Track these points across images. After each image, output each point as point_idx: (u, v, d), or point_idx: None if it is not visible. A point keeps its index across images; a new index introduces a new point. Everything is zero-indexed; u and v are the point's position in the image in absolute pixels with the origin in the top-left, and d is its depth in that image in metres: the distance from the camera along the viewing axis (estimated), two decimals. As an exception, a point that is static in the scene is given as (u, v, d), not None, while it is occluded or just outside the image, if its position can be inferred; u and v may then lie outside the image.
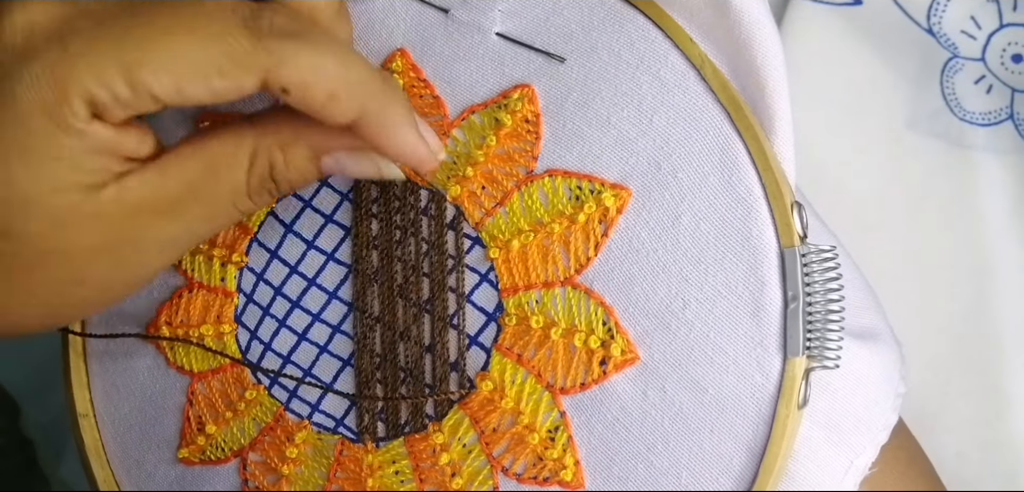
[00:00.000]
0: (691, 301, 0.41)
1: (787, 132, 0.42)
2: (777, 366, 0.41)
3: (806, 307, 0.40)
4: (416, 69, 0.44)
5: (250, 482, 0.44)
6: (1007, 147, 0.58)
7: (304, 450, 0.44)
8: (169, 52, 0.32)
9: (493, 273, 0.43)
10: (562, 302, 0.42)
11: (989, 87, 0.59)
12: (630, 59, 0.43)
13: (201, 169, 0.36)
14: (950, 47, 0.59)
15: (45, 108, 0.32)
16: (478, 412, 0.42)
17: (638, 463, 0.41)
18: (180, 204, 0.36)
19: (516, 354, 0.42)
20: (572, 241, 0.42)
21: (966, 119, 0.59)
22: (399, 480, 0.43)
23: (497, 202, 0.43)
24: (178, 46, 0.32)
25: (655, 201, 0.42)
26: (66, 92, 0.32)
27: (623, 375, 0.41)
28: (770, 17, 0.42)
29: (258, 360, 0.44)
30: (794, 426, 0.40)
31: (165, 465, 0.45)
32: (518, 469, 0.42)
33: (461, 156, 0.43)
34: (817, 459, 0.41)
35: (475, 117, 0.43)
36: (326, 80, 0.34)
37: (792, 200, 0.41)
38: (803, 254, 0.41)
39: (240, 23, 0.33)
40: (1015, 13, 0.59)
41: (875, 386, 0.42)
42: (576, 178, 0.42)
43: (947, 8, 0.59)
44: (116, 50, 0.32)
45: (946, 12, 0.59)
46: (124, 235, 0.35)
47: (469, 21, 0.44)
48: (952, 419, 0.56)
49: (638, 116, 0.42)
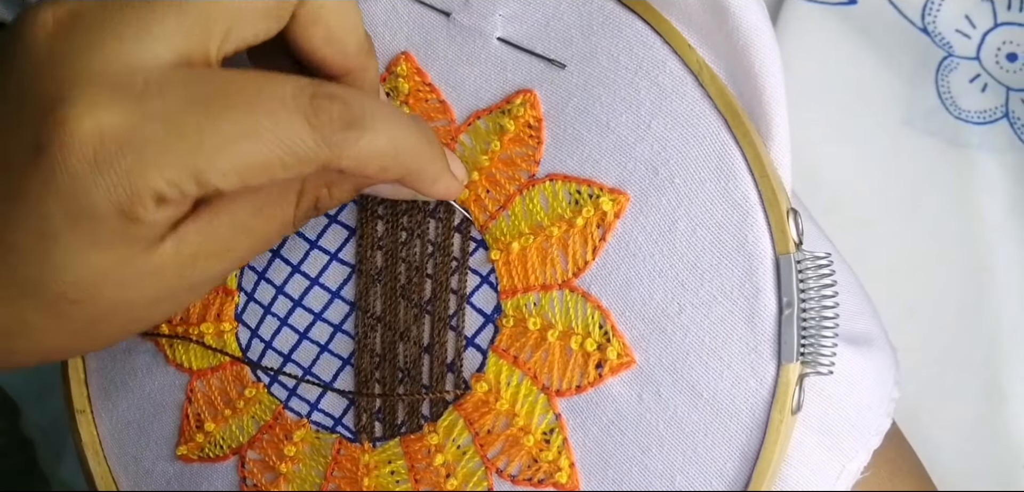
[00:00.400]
0: (687, 306, 0.41)
1: (784, 139, 0.42)
2: (771, 372, 0.41)
3: (801, 313, 0.41)
4: (421, 73, 0.44)
5: (248, 480, 0.44)
6: (1002, 145, 0.58)
7: (302, 449, 0.44)
8: (236, 155, 0.33)
9: (493, 275, 0.43)
10: (559, 305, 0.42)
11: (984, 86, 0.59)
12: (629, 64, 0.43)
13: (251, 211, 0.37)
14: (945, 46, 0.59)
15: (119, 209, 0.33)
16: (472, 413, 0.43)
17: (633, 466, 0.41)
18: (232, 243, 0.37)
19: (512, 356, 0.42)
20: (570, 244, 0.42)
21: (961, 117, 0.59)
22: (395, 480, 0.43)
23: (500, 205, 0.43)
24: (243, 150, 0.33)
25: (652, 206, 0.42)
26: (140, 196, 0.32)
27: (619, 378, 0.42)
28: (768, 24, 0.42)
29: (258, 358, 0.44)
30: (788, 431, 0.41)
31: (163, 462, 0.45)
32: (513, 471, 0.42)
33: (468, 160, 0.43)
34: (809, 463, 0.42)
35: (481, 122, 0.44)
36: (379, 159, 0.36)
37: (788, 207, 0.41)
38: (798, 261, 0.41)
39: (303, 121, 0.34)
40: (1009, 12, 0.59)
41: (868, 391, 0.43)
42: (575, 182, 0.42)
43: (941, 7, 0.59)
44: (186, 157, 0.32)
45: (941, 11, 0.59)
46: (182, 282, 0.36)
47: (471, 25, 0.44)
48: (947, 417, 0.56)
49: (636, 121, 0.42)
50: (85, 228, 0.33)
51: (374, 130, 0.35)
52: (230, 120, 0.33)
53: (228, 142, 0.33)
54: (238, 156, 0.33)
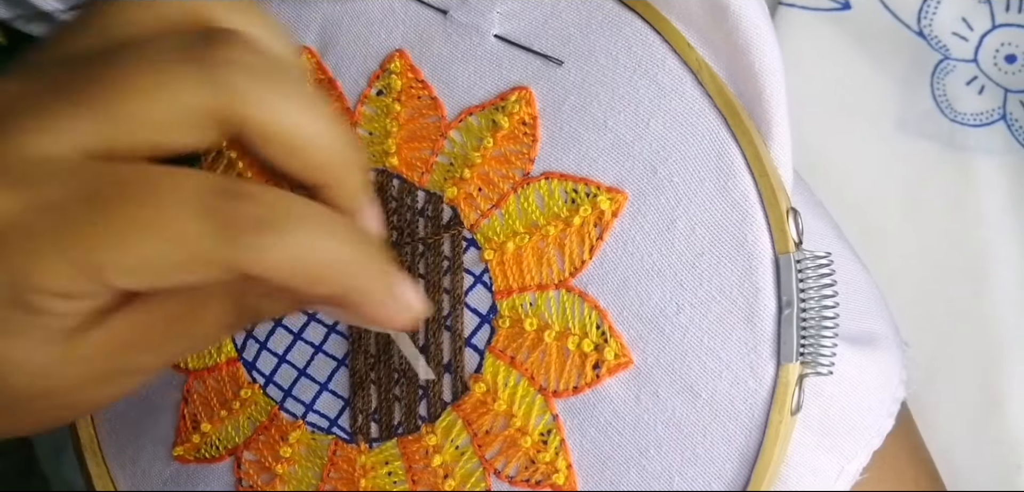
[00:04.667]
0: (685, 305, 0.40)
1: (784, 138, 0.41)
2: (771, 372, 0.39)
3: (800, 313, 0.39)
4: (414, 70, 0.43)
5: (244, 481, 0.42)
6: (1000, 147, 0.57)
7: (298, 450, 0.42)
8: (129, 253, 0.30)
9: (487, 275, 0.41)
10: (556, 305, 0.40)
11: (981, 88, 0.58)
12: (627, 63, 0.41)
13: (186, 309, 0.34)
14: (941, 49, 0.58)
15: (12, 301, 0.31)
16: (471, 414, 0.41)
17: (630, 467, 0.40)
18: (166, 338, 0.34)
19: (509, 356, 0.41)
20: (567, 244, 0.41)
21: (957, 120, 0.58)
22: (392, 481, 0.41)
23: (493, 204, 0.41)
24: (137, 248, 0.30)
25: (651, 205, 0.40)
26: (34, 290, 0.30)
27: (616, 379, 0.40)
28: (768, 23, 0.41)
29: (253, 359, 0.43)
30: (787, 432, 0.39)
31: (160, 462, 0.43)
32: (511, 472, 0.40)
33: (458, 158, 0.42)
34: (809, 463, 0.40)
35: (472, 119, 0.42)
36: (299, 269, 0.31)
37: (788, 206, 0.40)
38: (798, 260, 0.39)
39: (204, 220, 0.30)
40: (1008, 13, 0.58)
41: (870, 392, 0.41)
42: (572, 181, 0.41)
43: (938, 10, 0.58)
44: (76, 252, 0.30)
45: (937, 14, 0.58)
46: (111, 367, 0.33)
47: (468, 23, 0.42)
48: (943, 417, 0.55)
49: (635, 120, 0.41)
50: None
51: (293, 235, 0.31)
52: (125, 215, 0.30)
53: (123, 239, 0.30)
54: (136, 255, 0.30)
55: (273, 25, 0.35)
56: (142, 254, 0.30)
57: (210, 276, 0.31)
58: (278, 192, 0.32)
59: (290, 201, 0.32)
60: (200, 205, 0.30)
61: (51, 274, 0.30)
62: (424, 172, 0.42)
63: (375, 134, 0.43)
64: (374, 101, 0.43)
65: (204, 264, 0.31)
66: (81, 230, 0.30)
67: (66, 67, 0.32)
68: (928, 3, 0.58)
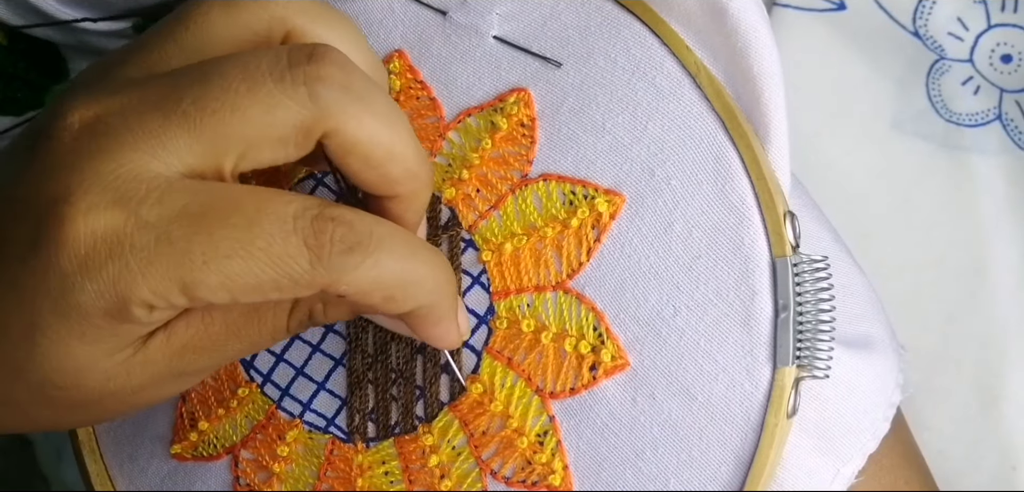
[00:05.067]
0: (682, 308, 0.40)
1: (783, 141, 0.41)
2: (767, 375, 0.39)
3: (797, 317, 0.39)
4: (413, 70, 0.43)
5: (242, 479, 0.42)
6: (995, 147, 0.57)
7: (295, 449, 0.42)
8: (226, 273, 0.31)
9: (485, 276, 0.41)
10: (553, 306, 0.40)
11: (977, 88, 0.58)
12: (626, 65, 0.41)
13: (245, 315, 0.35)
14: (936, 49, 0.58)
15: (106, 313, 0.32)
16: (468, 414, 0.41)
17: (627, 469, 0.40)
18: (223, 342, 0.35)
19: (506, 357, 0.41)
20: (565, 246, 0.41)
21: (952, 120, 0.58)
22: (388, 481, 0.41)
23: (491, 205, 0.41)
24: (235, 269, 0.31)
25: (648, 207, 0.40)
26: (127, 303, 0.31)
27: (613, 381, 0.40)
28: (767, 26, 0.41)
29: (251, 357, 0.42)
30: (783, 435, 0.39)
31: (157, 460, 0.43)
32: (507, 472, 0.40)
33: (456, 159, 0.42)
34: (804, 466, 0.40)
35: (471, 120, 0.42)
36: (381, 288, 0.33)
37: (785, 209, 0.40)
38: (795, 264, 0.39)
39: (300, 244, 0.32)
40: (1003, 13, 0.58)
41: (866, 395, 0.41)
42: (570, 183, 0.41)
43: (933, 10, 0.58)
44: (175, 269, 0.31)
45: (932, 15, 0.58)
46: (169, 371, 0.35)
47: (467, 24, 0.42)
48: (937, 417, 0.55)
49: (633, 122, 0.41)
50: (72, 325, 0.32)
51: (378, 257, 0.33)
52: (224, 236, 0.31)
53: (219, 258, 0.31)
54: (229, 274, 0.31)
55: (356, 34, 0.36)
56: (237, 273, 0.31)
57: (298, 294, 0.32)
58: (365, 215, 0.33)
59: (376, 223, 0.33)
60: (295, 227, 0.32)
61: (149, 290, 0.31)
62: (422, 172, 0.42)
63: (374, 134, 0.43)
64: (373, 101, 0.43)
65: (294, 284, 0.32)
66: (182, 249, 0.31)
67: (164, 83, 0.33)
68: (924, 3, 0.58)
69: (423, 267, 0.34)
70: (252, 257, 0.31)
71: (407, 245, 0.34)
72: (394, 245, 0.33)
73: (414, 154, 0.34)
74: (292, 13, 0.35)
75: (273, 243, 0.31)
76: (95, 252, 0.31)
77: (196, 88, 0.32)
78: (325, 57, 0.33)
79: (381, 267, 0.33)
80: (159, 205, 0.31)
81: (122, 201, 0.31)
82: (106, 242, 0.31)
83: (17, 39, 0.50)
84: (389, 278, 0.33)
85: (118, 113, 0.32)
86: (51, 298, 0.32)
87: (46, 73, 0.52)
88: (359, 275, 0.32)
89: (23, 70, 0.51)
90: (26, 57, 0.51)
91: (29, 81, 0.51)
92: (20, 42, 0.50)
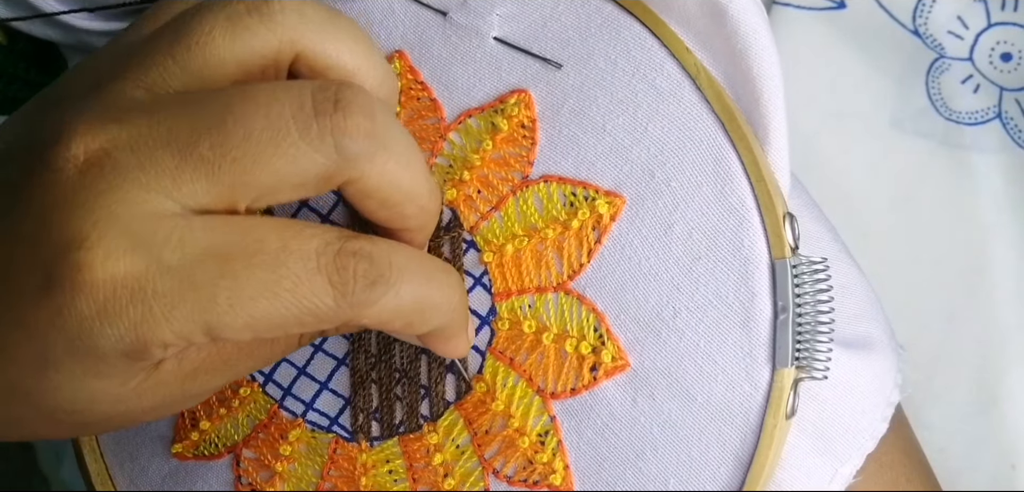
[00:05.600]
0: (682, 310, 0.40)
1: (782, 143, 0.41)
2: (766, 376, 0.39)
3: (796, 319, 0.39)
4: (414, 71, 0.43)
5: (244, 479, 0.42)
6: (995, 146, 0.57)
7: (298, 448, 0.42)
8: (251, 314, 0.31)
9: (487, 277, 0.41)
10: (554, 307, 0.41)
11: (976, 86, 0.58)
12: (626, 66, 0.41)
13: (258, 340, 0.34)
14: (936, 47, 0.58)
15: (125, 354, 0.31)
16: (472, 413, 0.41)
17: (627, 469, 0.40)
18: (233, 363, 0.35)
19: (508, 358, 0.41)
20: (565, 247, 0.41)
21: (952, 119, 0.58)
22: (392, 479, 0.41)
23: (492, 206, 0.41)
24: (260, 310, 0.31)
25: (648, 209, 0.40)
26: (148, 346, 0.31)
27: (613, 381, 0.40)
28: (767, 27, 0.41)
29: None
30: (782, 436, 0.39)
31: (159, 459, 0.43)
32: (509, 471, 0.41)
33: (457, 160, 0.42)
34: (803, 467, 0.40)
35: (472, 121, 0.42)
36: (401, 316, 0.33)
37: (784, 211, 0.40)
38: (794, 265, 0.39)
39: (325, 282, 0.31)
40: (1003, 12, 0.58)
41: (865, 396, 0.41)
42: (571, 184, 0.41)
43: (933, 9, 0.58)
44: (199, 314, 0.30)
45: (932, 13, 0.58)
46: (181, 393, 0.34)
47: (467, 25, 0.42)
48: (937, 416, 0.55)
49: (633, 124, 0.41)
50: (88, 365, 0.31)
51: (399, 287, 0.33)
52: (249, 279, 0.31)
53: (244, 301, 0.31)
54: (253, 314, 0.31)
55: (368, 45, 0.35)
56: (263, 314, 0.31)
57: (322, 328, 0.32)
58: (385, 244, 0.33)
59: (394, 252, 0.33)
60: (318, 266, 0.31)
61: (172, 332, 0.31)
62: (424, 173, 0.42)
63: (375, 135, 0.43)
64: (374, 102, 0.43)
65: (318, 321, 0.32)
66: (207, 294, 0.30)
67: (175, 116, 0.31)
68: (923, 2, 0.58)
69: (440, 292, 0.34)
70: (277, 297, 0.31)
71: (424, 271, 0.34)
72: (416, 274, 0.33)
73: (428, 192, 0.34)
74: (301, 34, 0.33)
75: (299, 284, 0.31)
76: (115, 298, 0.30)
77: (215, 133, 0.31)
78: (351, 105, 0.32)
79: (401, 297, 0.33)
80: (181, 248, 0.30)
81: (141, 246, 0.30)
82: (126, 288, 0.30)
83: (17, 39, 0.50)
84: (409, 306, 0.33)
85: (127, 148, 0.31)
86: (66, 338, 0.31)
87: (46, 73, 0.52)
88: (382, 307, 0.32)
89: (23, 70, 0.51)
90: (26, 57, 0.51)
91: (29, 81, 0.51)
92: (20, 42, 0.50)
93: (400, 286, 0.33)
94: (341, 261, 0.32)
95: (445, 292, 0.35)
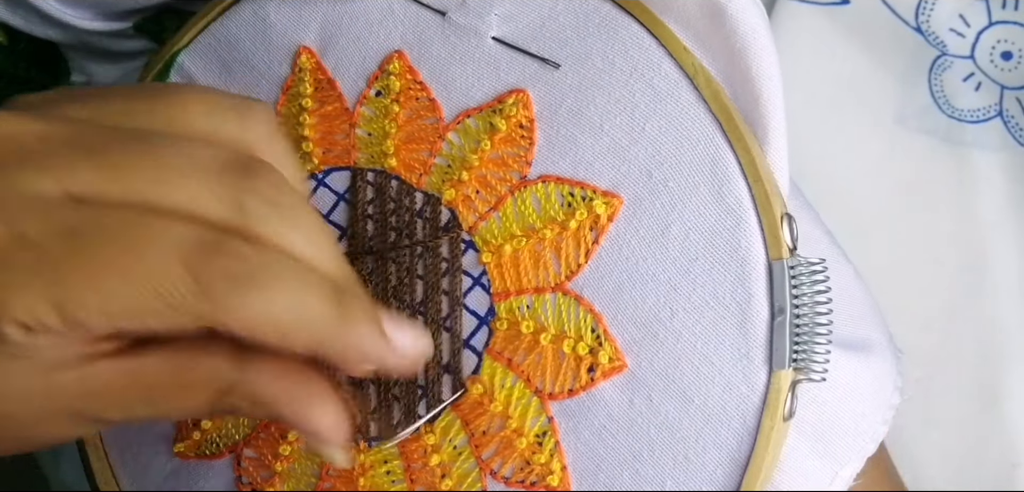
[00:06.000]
0: (679, 311, 0.40)
1: (781, 143, 0.40)
2: (763, 378, 0.39)
3: (793, 320, 0.39)
4: (413, 71, 0.43)
5: (244, 478, 0.42)
6: (996, 144, 0.57)
7: (297, 448, 0.42)
8: (101, 294, 0.30)
9: (485, 277, 0.41)
10: (552, 308, 0.41)
11: (978, 84, 0.58)
12: (624, 66, 0.41)
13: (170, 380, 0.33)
14: (938, 45, 0.58)
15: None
16: (469, 414, 0.41)
17: (624, 470, 0.40)
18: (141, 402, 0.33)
19: (506, 358, 0.41)
20: (563, 247, 0.41)
21: (954, 116, 0.58)
22: (390, 480, 0.41)
23: (491, 207, 0.41)
24: (111, 288, 0.30)
25: (646, 209, 0.40)
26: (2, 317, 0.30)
27: (611, 382, 0.40)
28: (766, 27, 0.41)
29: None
30: (779, 438, 0.39)
31: (161, 458, 0.43)
32: (506, 472, 0.41)
33: (456, 160, 0.42)
34: (802, 469, 0.40)
35: (470, 121, 0.42)
36: (274, 325, 0.31)
37: (782, 212, 0.40)
38: (792, 266, 0.39)
39: (182, 267, 0.30)
40: (1004, 10, 0.58)
41: (864, 398, 0.41)
42: (569, 184, 0.41)
43: (935, 6, 0.58)
44: (48, 287, 0.30)
45: (934, 10, 0.58)
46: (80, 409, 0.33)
47: (466, 24, 0.42)
48: (937, 416, 0.55)
49: (631, 124, 0.41)
50: None
51: (271, 290, 0.31)
52: (102, 258, 0.30)
53: (97, 280, 0.30)
54: (108, 297, 0.30)
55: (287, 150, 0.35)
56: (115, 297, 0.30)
57: (182, 326, 0.31)
58: (258, 247, 0.31)
59: (269, 257, 0.31)
60: (180, 256, 0.30)
61: (22, 306, 0.30)
62: (422, 174, 0.42)
63: (374, 135, 0.43)
64: (373, 102, 0.43)
65: (176, 313, 0.30)
66: (57, 267, 0.30)
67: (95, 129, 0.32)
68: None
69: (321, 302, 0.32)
70: (131, 282, 0.30)
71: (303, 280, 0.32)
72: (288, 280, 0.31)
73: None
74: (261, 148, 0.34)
75: (154, 270, 0.30)
76: None
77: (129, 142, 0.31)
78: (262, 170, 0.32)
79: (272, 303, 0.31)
80: (41, 223, 0.30)
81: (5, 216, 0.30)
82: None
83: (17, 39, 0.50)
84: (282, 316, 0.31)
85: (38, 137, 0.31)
86: None
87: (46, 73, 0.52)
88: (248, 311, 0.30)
89: (23, 70, 0.51)
90: (26, 57, 0.51)
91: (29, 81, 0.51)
92: (20, 42, 0.50)
93: (269, 292, 0.31)
94: (204, 255, 0.30)
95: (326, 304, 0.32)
